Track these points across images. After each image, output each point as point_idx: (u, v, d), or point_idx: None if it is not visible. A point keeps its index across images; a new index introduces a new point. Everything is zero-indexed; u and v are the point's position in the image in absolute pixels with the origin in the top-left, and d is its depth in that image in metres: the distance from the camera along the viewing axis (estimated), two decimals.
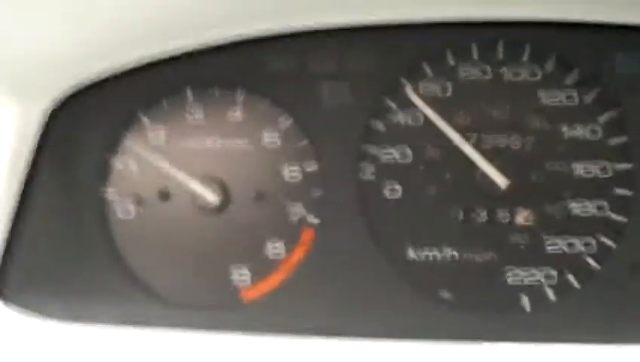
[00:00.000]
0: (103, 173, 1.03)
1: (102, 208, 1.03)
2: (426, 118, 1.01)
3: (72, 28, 0.92)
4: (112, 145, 1.04)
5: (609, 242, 0.99)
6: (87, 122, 1.03)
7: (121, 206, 1.03)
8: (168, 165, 1.01)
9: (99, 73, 1.00)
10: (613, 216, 0.99)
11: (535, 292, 1.00)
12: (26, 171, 1.00)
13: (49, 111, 1.00)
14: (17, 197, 0.99)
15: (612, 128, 1.00)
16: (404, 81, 1.01)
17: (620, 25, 0.99)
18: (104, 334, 0.96)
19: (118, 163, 1.04)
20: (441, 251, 1.01)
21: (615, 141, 1.00)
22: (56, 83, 0.98)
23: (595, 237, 1.00)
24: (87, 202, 1.02)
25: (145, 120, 1.03)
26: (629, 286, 0.98)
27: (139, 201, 1.03)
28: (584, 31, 0.99)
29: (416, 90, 1.02)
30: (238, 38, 1.00)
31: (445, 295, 1.00)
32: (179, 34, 0.99)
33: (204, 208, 1.01)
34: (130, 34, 0.97)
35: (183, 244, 1.02)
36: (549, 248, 1.00)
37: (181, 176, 1.00)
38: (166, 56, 1.02)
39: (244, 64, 1.01)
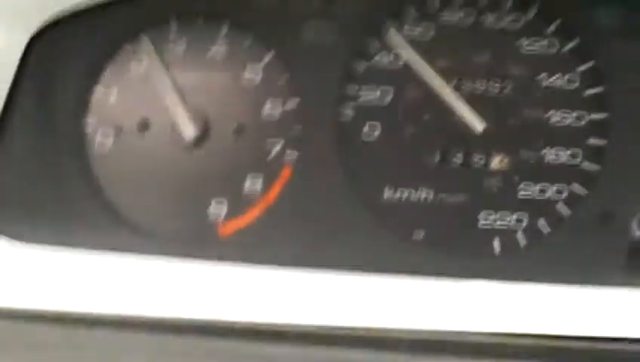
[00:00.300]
0: (83, 103, 1.03)
1: (80, 138, 1.03)
2: (408, 61, 1.02)
3: None
4: (93, 75, 1.03)
5: (581, 190, 1.01)
6: (67, 51, 1.03)
7: (100, 136, 1.03)
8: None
9: (83, 2, 0.99)
10: (586, 164, 1.01)
11: (506, 235, 1.01)
12: (7, 98, 0.99)
13: (29, 40, 1.00)
14: None
15: (589, 78, 1.01)
16: (388, 22, 1.02)
17: None
18: (78, 259, 0.96)
19: (98, 93, 1.03)
20: (416, 192, 1.02)
21: (591, 91, 1.02)
22: (38, 10, 0.97)
23: (567, 185, 1.02)
24: (65, 131, 1.02)
25: (128, 49, 1.03)
26: (598, 233, 1.00)
27: (118, 132, 1.03)
28: None
29: (399, 32, 1.02)
30: None
31: (419, 235, 1.02)
32: None
33: (182, 140, 1.01)
34: None
35: (161, 176, 1.03)
36: (522, 193, 1.02)
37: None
38: None
39: None
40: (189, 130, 1.01)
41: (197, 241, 1.01)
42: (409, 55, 1.00)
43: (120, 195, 1.02)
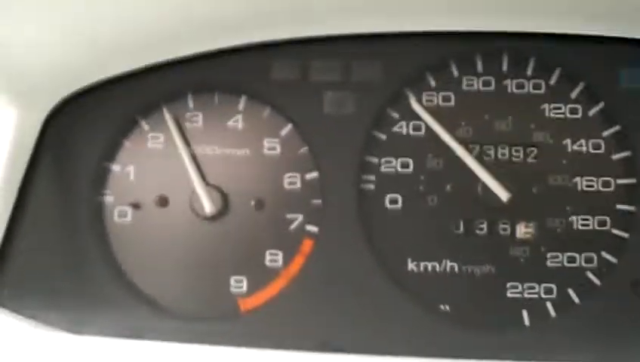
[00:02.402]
0: (101, 178, 1.02)
1: (99, 214, 1.01)
2: (428, 129, 1.01)
3: (72, 37, 0.91)
4: (111, 150, 1.02)
5: (610, 257, 0.99)
6: (85, 126, 1.02)
7: (119, 212, 1.01)
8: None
9: (98, 78, 0.99)
10: (615, 231, 0.99)
11: (535, 306, 0.99)
12: (23, 176, 0.98)
13: (46, 116, 0.99)
14: (14, 203, 0.98)
15: (615, 143, 0.99)
16: (407, 91, 1.01)
17: (624, 39, 0.98)
18: (98, 342, 0.94)
19: (116, 168, 1.02)
20: (440, 264, 1.00)
21: (618, 156, 0.99)
22: (55, 89, 0.97)
23: (596, 252, 0.99)
24: (84, 207, 1.01)
25: (144, 125, 1.02)
26: (629, 302, 0.97)
27: (136, 207, 1.01)
28: (589, 45, 0.99)
29: (419, 101, 1.01)
30: (242, 45, 0.99)
31: (445, 308, 0.99)
32: (181, 42, 0.99)
33: (202, 215, 1.00)
34: (130, 42, 0.96)
35: (181, 252, 1.01)
36: (550, 262, 0.99)
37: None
38: (167, 61, 1.00)
39: (247, 71, 1.01)
40: (208, 206, 0.99)
41: (219, 318, 0.99)
42: (430, 123, 0.98)
43: (140, 273, 1.00)
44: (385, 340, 0.95)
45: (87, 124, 1.02)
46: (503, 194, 0.98)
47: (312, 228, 1.00)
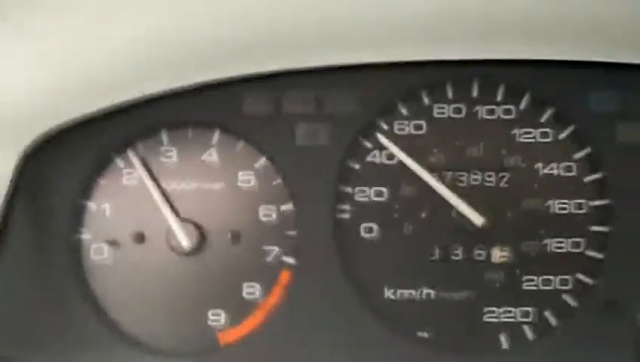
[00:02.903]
0: (77, 215, 1.02)
1: (76, 252, 1.02)
2: (400, 160, 1.01)
3: (44, 78, 0.91)
4: (87, 188, 1.02)
5: (586, 278, 1.00)
6: (60, 165, 1.02)
7: (95, 249, 1.02)
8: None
9: (72, 119, 0.99)
10: (590, 252, 1.00)
11: (513, 330, 1.00)
12: (1, 217, 0.99)
13: (21, 158, 0.99)
14: None
15: (587, 165, 1.00)
16: (378, 122, 1.01)
17: (593, 63, 0.99)
18: None
19: (93, 205, 1.02)
20: (417, 290, 1.01)
21: (590, 178, 1.00)
22: (30, 128, 0.97)
23: (571, 274, 1.00)
24: (61, 246, 1.01)
25: (119, 162, 1.02)
26: (605, 322, 0.98)
27: (113, 244, 1.02)
28: (558, 69, 1.00)
29: (390, 130, 1.01)
30: (214, 81, 1.00)
31: (423, 334, 1.00)
32: (154, 80, 0.99)
33: (179, 251, 1.00)
34: (104, 81, 0.96)
35: (159, 288, 1.01)
36: (526, 285, 1.00)
37: (165, 215, 0.99)
38: (141, 98, 1.01)
39: (219, 105, 1.01)
40: (184, 241, 0.99)
41: (199, 353, 0.99)
42: (399, 156, 0.99)
43: (119, 311, 1.01)
44: None
45: (63, 162, 1.02)
46: (478, 219, 0.99)
47: (288, 260, 1.01)
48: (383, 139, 0.99)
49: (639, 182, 0.99)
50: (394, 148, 0.99)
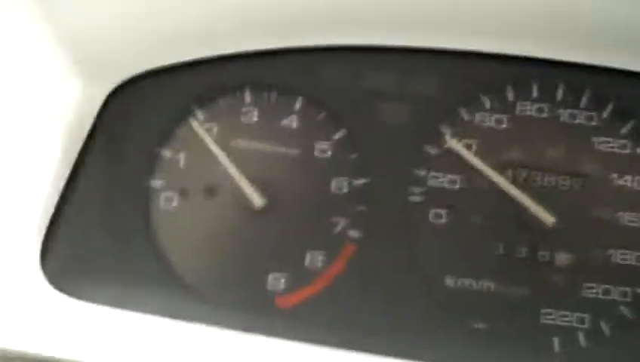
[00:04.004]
0: (151, 162, 1.03)
1: (146, 197, 1.02)
2: (478, 150, 1.02)
3: (143, 20, 0.92)
4: (163, 136, 1.03)
5: None
6: (141, 110, 1.03)
7: (166, 197, 1.03)
8: (222, 159, 1.00)
9: (163, 63, 1.00)
10: None
11: (567, 334, 1.00)
12: (79, 152, 1.00)
13: (108, 94, 1.00)
14: (66, 179, 0.99)
15: None
16: (460, 110, 1.02)
17: None
18: (134, 321, 0.95)
19: (167, 153, 1.03)
20: (478, 282, 1.01)
21: None
22: (122, 67, 0.98)
23: (631, 288, 1.00)
24: (132, 190, 1.02)
25: (199, 114, 1.03)
26: None
27: (183, 194, 1.02)
28: None
29: (471, 121, 1.02)
30: (306, 47, 1.01)
31: (479, 326, 1.00)
32: (247, 36, 1.00)
33: (248, 209, 1.01)
34: (200, 32, 0.97)
35: (223, 242, 1.02)
36: (585, 292, 1.00)
37: (231, 172, 1.00)
38: (230, 54, 1.02)
39: (306, 73, 1.02)
40: (256, 200, 1.00)
41: (254, 313, 0.99)
42: (469, 158, 0.99)
43: (181, 259, 1.01)
44: (415, 348, 0.96)
45: (144, 107, 1.03)
46: (548, 219, 0.99)
47: (355, 234, 1.01)
48: (451, 142, 1.00)
49: None
50: (463, 152, 0.99)
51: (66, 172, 0.99)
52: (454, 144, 1.01)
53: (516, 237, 1.01)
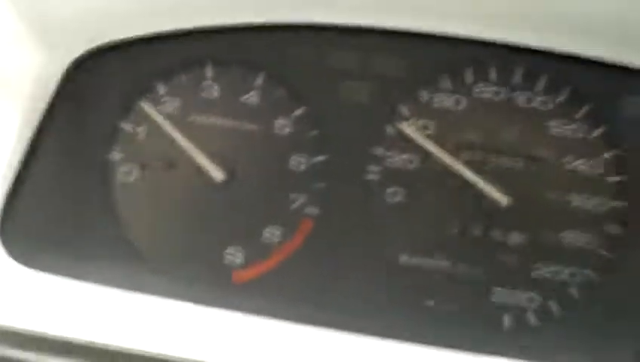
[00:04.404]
0: (112, 135, 1.03)
1: (106, 170, 1.03)
2: (436, 129, 1.03)
3: None
4: (125, 109, 1.04)
5: (594, 275, 1.02)
6: (102, 83, 1.04)
7: (125, 170, 1.03)
8: (179, 135, 1.01)
9: (125, 36, 1.00)
10: (602, 251, 1.02)
11: (517, 313, 1.02)
12: (39, 123, 1.00)
13: (71, 64, 1.00)
14: (26, 150, 0.99)
15: (613, 166, 1.03)
16: (419, 91, 1.03)
17: (633, 68, 1.02)
18: (88, 290, 0.96)
19: (128, 127, 1.04)
20: (432, 260, 1.02)
21: (614, 179, 1.03)
22: (83, 39, 0.98)
23: (581, 269, 1.02)
24: (92, 162, 1.03)
25: (161, 88, 1.03)
26: (608, 321, 1.00)
27: (143, 168, 1.03)
28: (599, 69, 1.02)
29: (430, 101, 1.03)
30: (267, 23, 1.01)
31: (430, 303, 1.02)
32: (212, 11, 1.00)
33: (207, 184, 1.02)
34: (168, 2, 0.97)
35: (182, 215, 1.03)
36: (536, 273, 1.02)
37: (189, 147, 1.00)
38: (192, 29, 1.02)
39: (268, 49, 1.03)
40: (215, 174, 1.01)
41: (211, 286, 1.01)
42: (425, 145, 1.01)
43: (140, 232, 1.02)
44: (368, 322, 0.97)
45: (106, 80, 1.03)
46: (502, 200, 1.01)
47: (313, 210, 1.02)
48: (406, 128, 1.01)
49: None
50: (419, 140, 1.01)
51: (25, 143, 0.99)
52: (406, 127, 1.01)
53: (471, 217, 1.02)
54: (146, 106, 1.03)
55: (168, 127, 1.02)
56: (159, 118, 1.02)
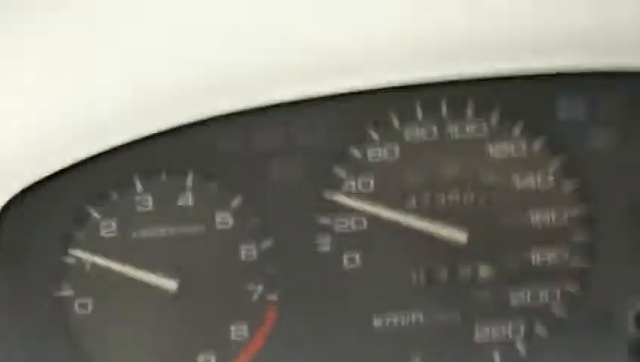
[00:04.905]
0: (59, 271, 1.01)
1: (59, 308, 1.01)
2: (377, 185, 1.01)
3: (24, 126, 0.91)
4: (65, 242, 1.02)
5: (574, 288, 0.99)
6: (38, 218, 1.02)
7: (79, 304, 1.01)
8: (122, 261, 0.99)
9: (50, 168, 0.98)
10: (575, 262, 0.99)
11: (505, 346, 0.99)
12: None
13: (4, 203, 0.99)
14: None
15: (563, 174, 1.00)
16: (351, 150, 1.01)
17: (558, 72, 1.00)
18: None
19: (72, 260, 1.02)
20: (406, 316, 1.00)
21: (567, 187, 1.00)
22: (11, 178, 0.96)
23: (559, 286, 1.00)
24: (45, 301, 1.00)
25: (95, 214, 1.02)
26: (597, 331, 0.98)
27: (97, 297, 1.01)
28: (525, 81, 1.00)
29: (364, 158, 1.01)
30: (184, 122, 1.00)
31: (416, 359, 0.99)
32: (123, 126, 0.98)
33: (163, 297, 1.00)
34: (77, 131, 0.96)
35: (145, 336, 1.00)
36: (514, 301, 1.00)
37: (133, 270, 0.99)
38: (112, 147, 1.00)
39: (192, 147, 1.01)
40: (168, 285, 0.99)
41: None
42: (360, 206, 0.99)
43: (107, 360, 1.00)
44: None
45: (40, 215, 1.01)
46: (461, 236, 0.98)
47: (273, 297, 1.00)
48: (342, 198, 0.99)
49: (615, 186, 0.99)
50: (357, 206, 0.99)
51: None
52: (342, 198, 0.99)
53: (434, 263, 1.00)
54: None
55: (103, 263, 1.00)
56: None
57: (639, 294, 0.98)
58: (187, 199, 1.02)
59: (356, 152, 1.01)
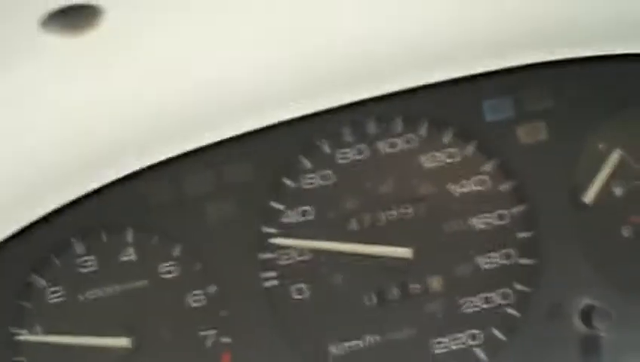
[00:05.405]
0: (10, 346, 1.00)
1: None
2: (317, 213, 1.00)
3: None
4: (16, 315, 1.01)
5: (525, 288, 0.99)
6: None
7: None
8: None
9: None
10: (523, 260, 0.99)
11: (465, 355, 0.98)
12: None
13: None
14: None
15: (498, 175, 1.00)
16: (284, 181, 1.00)
17: (479, 74, 0.99)
18: None
19: (24, 332, 1.01)
20: (363, 340, 0.99)
21: (504, 186, 1.00)
22: None
23: (510, 286, 0.99)
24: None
25: (41, 282, 1.01)
26: (551, 329, 0.97)
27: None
28: (449, 89, 0.99)
29: (298, 187, 1.00)
30: (115, 179, 0.99)
31: None
32: (58, 188, 0.98)
33: (119, 355, 0.99)
34: (25, 191, 0.95)
35: None
36: (467, 308, 0.99)
37: (86, 339, 0.98)
38: (47, 213, 1.00)
39: (126, 202, 1.00)
40: (121, 343, 0.98)
41: None
42: (302, 244, 0.98)
43: None
44: None
45: None
46: (406, 252, 0.98)
47: (227, 340, 0.99)
48: (280, 241, 0.98)
49: (552, 180, 0.98)
50: (295, 243, 0.99)
51: None
52: (278, 240, 0.99)
53: (383, 283, 1.00)
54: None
55: (51, 340, 0.99)
56: (40, 338, 1.00)
57: (585, 288, 0.97)
58: (130, 254, 1.01)
59: (289, 182, 1.01)
